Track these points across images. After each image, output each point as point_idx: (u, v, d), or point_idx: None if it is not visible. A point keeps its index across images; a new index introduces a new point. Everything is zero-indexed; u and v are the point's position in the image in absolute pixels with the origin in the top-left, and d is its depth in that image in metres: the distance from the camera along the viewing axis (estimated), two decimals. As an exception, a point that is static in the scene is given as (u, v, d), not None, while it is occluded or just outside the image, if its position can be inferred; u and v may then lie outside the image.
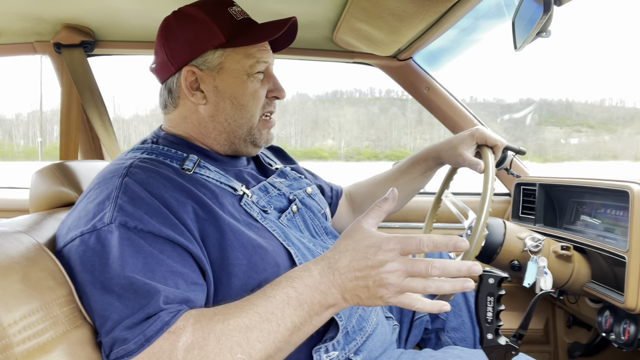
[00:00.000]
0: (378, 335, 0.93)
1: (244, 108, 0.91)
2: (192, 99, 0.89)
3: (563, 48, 32.02)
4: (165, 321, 0.65)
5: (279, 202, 0.95)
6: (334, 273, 0.67)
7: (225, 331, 0.65)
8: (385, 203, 0.71)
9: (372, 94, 16.28)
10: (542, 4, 0.78)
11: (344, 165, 18.47)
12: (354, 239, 0.68)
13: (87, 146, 1.72)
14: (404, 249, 0.64)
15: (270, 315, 0.66)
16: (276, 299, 0.67)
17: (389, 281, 0.63)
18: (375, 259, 0.64)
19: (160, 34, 0.91)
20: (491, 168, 0.95)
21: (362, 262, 0.65)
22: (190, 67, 0.88)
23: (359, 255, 0.66)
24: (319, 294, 0.67)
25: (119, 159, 0.86)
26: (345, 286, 0.66)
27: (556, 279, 1.15)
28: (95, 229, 0.70)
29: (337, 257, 0.67)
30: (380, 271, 0.64)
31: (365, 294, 0.65)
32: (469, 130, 1.12)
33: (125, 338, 0.64)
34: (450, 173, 1.19)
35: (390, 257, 0.64)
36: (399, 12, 1.15)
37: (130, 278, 0.66)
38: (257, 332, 0.65)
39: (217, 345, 0.64)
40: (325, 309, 0.68)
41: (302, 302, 0.67)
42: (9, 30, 1.47)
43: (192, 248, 0.74)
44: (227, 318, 0.66)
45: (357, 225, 0.70)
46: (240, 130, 0.92)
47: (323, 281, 0.67)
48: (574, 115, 14.68)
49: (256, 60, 0.90)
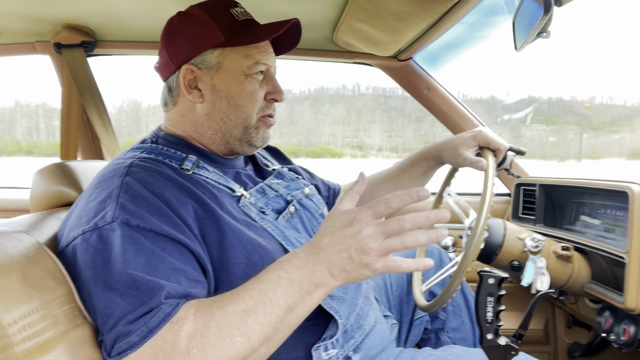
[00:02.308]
0: (376, 333, 0.93)
1: (240, 108, 0.91)
2: (190, 97, 0.90)
3: (554, 45, 32.02)
4: (166, 312, 0.66)
5: (277, 204, 0.95)
6: (318, 251, 0.69)
7: (224, 316, 0.66)
8: (356, 185, 0.76)
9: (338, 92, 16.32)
10: (542, 4, 0.78)
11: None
12: (332, 218, 0.71)
13: (87, 146, 1.72)
14: (375, 212, 0.68)
15: (264, 297, 0.68)
16: (268, 281, 0.69)
17: (369, 245, 0.66)
18: (352, 228, 0.67)
19: (163, 34, 0.93)
20: (491, 171, 0.95)
21: (341, 235, 0.68)
22: (189, 65, 0.89)
23: (337, 230, 0.69)
24: (307, 272, 0.69)
25: (118, 158, 0.87)
26: (331, 261, 0.68)
27: (556, 279, 1.15)
28: (97, 227, 0.71)
29: (319, 238, 0.70)
30: (359, 238, 0.66)
31: (351, 265, 0.68)
32: (471, 132, 1.12)
33: (128, 331, 0.65)
34: (451, 173, 1.18)
35: (365, 223, 0.67)
36: (399, 12, 1.15)
37: (132, 275, 0.67)
38: (254, 315, 0.67)
39: (218, 331, 0.65)
40: (315, 287, 0.69)
41: (292, 281, 0.69)
42: (10, 30, 1.47)
43: (194, 246, 0.74)
44: (225, 304, 0.68)
45: (334, 209, 0.74)
46: (236, 130, 0.92)
47: (309, 260, 0.69)
48: (561, 113, 14.68)
49: (255, 61, 0.90)
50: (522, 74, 31.37)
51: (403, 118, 14.90)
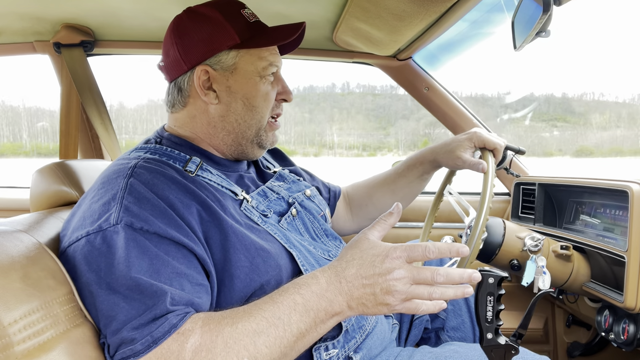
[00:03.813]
0: (377, 333, 0.93)
1: (255, 109, 0.91)
2: (205, 98, 0.89)
3: (546, 42, 32.40)
4: (173, 323, 0.65)
5: (279, 206, 0.95)
6: (341, 281, 0.68)
7: (233, 334, 0.65)
8: (390, 217, 0.74)
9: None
10: (541, 3, 0.78)
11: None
12: (361, 248, 0.70)
13: (87, 145, 1.72)
14: (410, 256, 0.66)
15: (277, 320, 0.66)
16: (283, 304, 0.68)
17: (396, 288, 0.65)
18: (383, 266, 0.66)
19: (172, 32, 0.90)
20: (491, 172, 0.94)
21: (369, 270, 0.66)
22: (204, 66, 0.88)
23: (366, 263, 0.67)
24: (325, 301, 0.68)
25: (122, 158, 0.86)
26: (352, 294, 0.67)
27: (556, 278, 1.15)
28: (101, 229, 0.71)
29: (344, 265, 0.69)
30: (387, 278, 0.65)
31: (372, 301, 0.67)
32: (466, 134, 1.10)
33: (133, 338, 0.64)
34: (449, 175, 1.18)
35: (397, 265, 0.66)
36: (398, 12, 1.15)
37: (136, 279, 0.67)
38: (264, 337, 0.66)
39: (225, 349, 0.64)
40: (330, 316, 0.69)
41: (309, 308, 0.67)
42: (9, 30, 1.47)
43: (197, 249, 0.74)
44: (235, 322, 0.66)
45: (363, 236, 0.72)
46: (249, 131, 0.92)
47: (330, 289, 0.68)
48: (551, 110, 14.70)
49: (269, 62, 0.91)
50: (540, 70, 31.42)
51: (375, 117, 14.92)
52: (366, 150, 18.57)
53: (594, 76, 40.76)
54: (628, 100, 18.90)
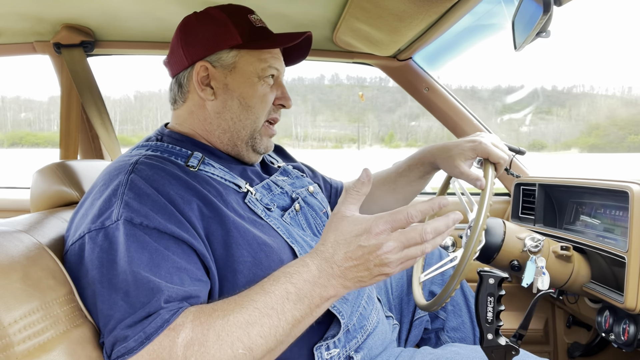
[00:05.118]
0: (378, 333, 0.93)
1: (250, 109, 0.92)
2: (202, 93, 0.91)
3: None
4: (165, 319, 0.65)
5: (282, 201, 0.96)
6: (332, 266, 0.68)
7: (225, 327, 0.65)
8: (362, 186, 0.72)
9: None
10: (541, 4, 0.78)
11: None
12: (341, 230, 0.69)
13: (87, 146, 1.72)
14: (394, 226, 0.66)
15: (270, 310, 0.67)
16: (275, 294, 0.68)
17: (389, 259, 0.66)
18: (370, 244, 0.66)
19: (179, 30, 0.93)
20: (489, 185, 0.91)
21: (358, 251, 0.67)
22: (204, 62, 0.90)
23: (353, 245, 0.67)
24: (319, 287, 0.68)
25: (124, 155, 0.87)
26: (346, 276, 0.68)
27: (556, 279, 1.15)
28: (103, 226, 0.71)
29: (332, 251, 0.69)
30: (378, 254, 0.66)
31: (368, 276, 0.68)
32: (471, 142, 1.04)
33: (126, 336, 0.64)
34: (448, 179, 1.16)
35: (384, 239, 0.66)
36: (398, 12, 1.15)
37: (135, 274, 0.67)
38: (258, 328, 0.66)
39: (217, 341, 0.64)
40: (325, 300, 0.69)
41: (302, 296, 0.68)
42: (9, 30, 1.47)
43: (197, 245, 0.74)
44: (226, 314, 0.66)
45: (339, 215, 0.71)
46: (244, 132, 0.93)
47: (322, 275, 0.68)
48: (539, 102, 14.83)
49: (268, 65, 0.92)
50: (530, 62, 31.54)
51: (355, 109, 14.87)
52: (332, 142, 18.49)
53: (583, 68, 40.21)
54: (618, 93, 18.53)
